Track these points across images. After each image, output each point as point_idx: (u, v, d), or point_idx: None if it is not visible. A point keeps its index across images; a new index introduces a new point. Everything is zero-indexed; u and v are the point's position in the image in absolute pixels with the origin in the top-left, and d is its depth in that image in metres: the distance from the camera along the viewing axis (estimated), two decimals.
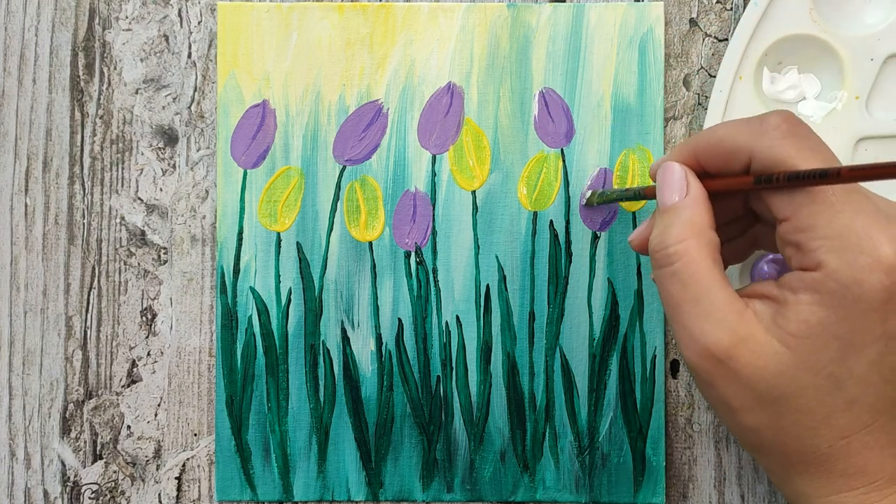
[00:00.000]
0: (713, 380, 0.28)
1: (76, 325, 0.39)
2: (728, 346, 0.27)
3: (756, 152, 0.28)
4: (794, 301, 0.27)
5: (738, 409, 0.28)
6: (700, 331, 0.28)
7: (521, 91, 0.39)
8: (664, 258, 0.29)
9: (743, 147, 0.29)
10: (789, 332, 0.27)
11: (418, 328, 0.39)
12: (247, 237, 0.39)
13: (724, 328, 0.28)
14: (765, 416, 0.28)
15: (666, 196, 0.30)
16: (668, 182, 0.30)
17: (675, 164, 0.30)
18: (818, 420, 0.28)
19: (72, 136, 0.39)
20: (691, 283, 0.28)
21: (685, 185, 0.30)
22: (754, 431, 0.29)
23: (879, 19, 0.38)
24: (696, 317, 0.28)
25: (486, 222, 0.39)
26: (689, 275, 0.28)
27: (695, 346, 0.28)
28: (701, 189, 0.30)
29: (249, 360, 0.39)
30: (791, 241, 0.28)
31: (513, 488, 0.39)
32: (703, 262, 0.28)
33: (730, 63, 0.37)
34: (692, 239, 0.29)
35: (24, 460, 0.39)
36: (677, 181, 0.30)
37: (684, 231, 0.29)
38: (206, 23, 0.39)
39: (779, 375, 0.27)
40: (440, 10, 0.39)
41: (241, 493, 0.39)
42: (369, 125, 0.39)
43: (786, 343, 0.27)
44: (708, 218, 0.29)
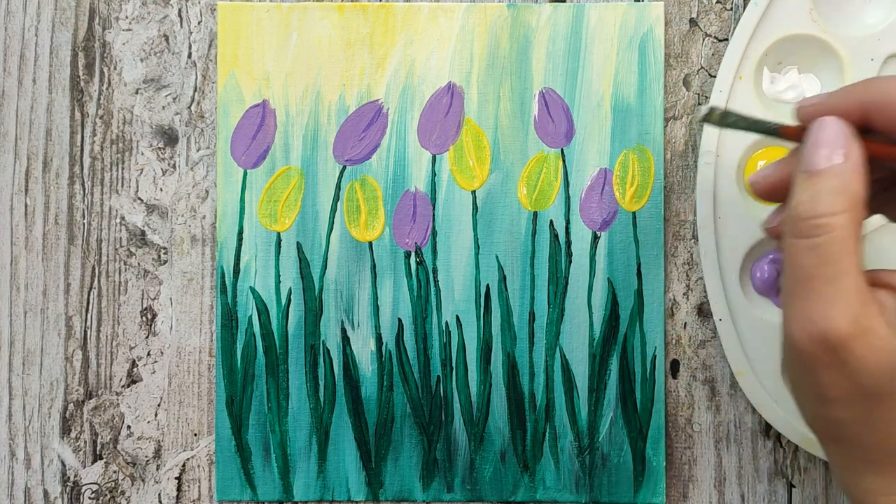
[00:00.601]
0: (818, 366, 0.26)
1: (76, 325, 0.39)
2: (847, 336, 0.25)
3: None
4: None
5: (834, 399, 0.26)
6: (822, 314, 0.26)
7: (521, 91, 0.39)
8: (810, 228, 0.26)
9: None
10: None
11: (418, 328, 0.39)
12: (247, 237, 0.39)
13: (848, 316, 0.25)
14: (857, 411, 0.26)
15: (821, 156, 0.26)
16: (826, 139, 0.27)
17: (835, 121, 0.27)
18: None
19: (72, 136, 0.39)
20: (832, 262, 0.25)
21: (845, 146, 0.26)
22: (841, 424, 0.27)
23: (879, 19, 0.38)
24: (823, 297, 0.26)
25: (486, 222, 0.39)
26: (833, 252, 0.25)
27: (811, 328, 0.26)
28: (861, 155, 0.26)
29: (249, 360, 0.39)
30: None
31: (513, 488, 0.39)
32: (850, 240, 0.25)
33: (730, 63, 0.37)
34: (845, 214, 0.26)
35: (24, 460, 0.39)
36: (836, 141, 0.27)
37: (838, 203, 0.26)
38: (206, 23, 0.39)
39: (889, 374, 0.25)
40: (440, 10, 0.39)
41: (241, 493, 0.39)
42: (369, 125, 0.39)
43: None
44: (864, 190, 0.26)
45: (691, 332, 0.39)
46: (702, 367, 0.39)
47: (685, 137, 0.39)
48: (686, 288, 0.39)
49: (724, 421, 0.39)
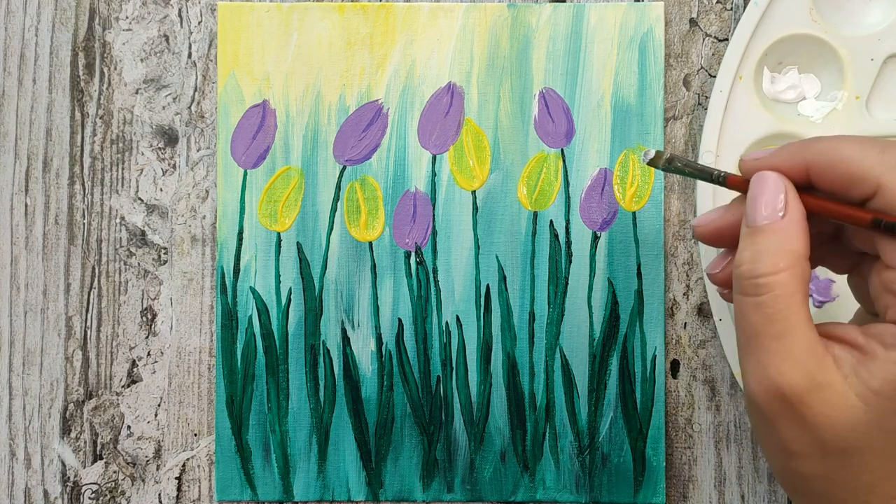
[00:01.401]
0: (777, 421, 0.26)
1: (76, 325, 0.39)
2: (802, 391, 0.25)
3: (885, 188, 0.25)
4: (885, 358, 0.25)
5: (796, 455, 0.26)
6: (776, 370, 0.26)
7: (521, 91, 0.39)
8: (752, 287, 0.26)
9: (871, 177, 0.25)
10: (871, 389, 0.25)
11: (418, 328, 0.39)
12: (247, 237, 0.39)
13: (802, 371, 0.25)
14: (823, 467, 0.26)
15: (760, 213, 0.27)
16: (765, 195, 0.27)
17: (773, 176, 0.27)
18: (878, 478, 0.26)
19: (72, 136, 0.39)
20: (777, 320, 0.26)
21: (784, 203, 0.27)
22: (805, 479, 0.27)
23: (879, 19, 0.38)
24: (774, 353, 0.26)
25: (486, 222, 0.39)
26: (777, 310, 0.26)
27: (766, 384, 0.26)
28: (801, 211, 0.27)
29: (249, 360, 0.39)
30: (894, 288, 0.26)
31: (513, 488, 0.39)
32: (794, 297, 0.26)
33: (730, 63, 0.37)
34: (787, 272, 0.26)
35: (24, 460, 0.39)
36: (774, 196, 0.27)
37: (779, 261, 0.26)
38: (206, 23, 0.39)
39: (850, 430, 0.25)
40: (440, 10, 0.39)
41: (241, 493, 0.39)
42: (369, 125, 0.39)
43: (864, 398, 0.25)
44: (805, 246, 0.26)
45: (691, 332, 0.39)
46: (702, 367, 0.39)
47: (685, 137, 0.39)
48: (686, 288, 0.39)
49: (724, 421, 0.39)
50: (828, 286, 0.37)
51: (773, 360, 0.26)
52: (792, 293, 0.26)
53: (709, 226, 0.30)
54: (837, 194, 0.27)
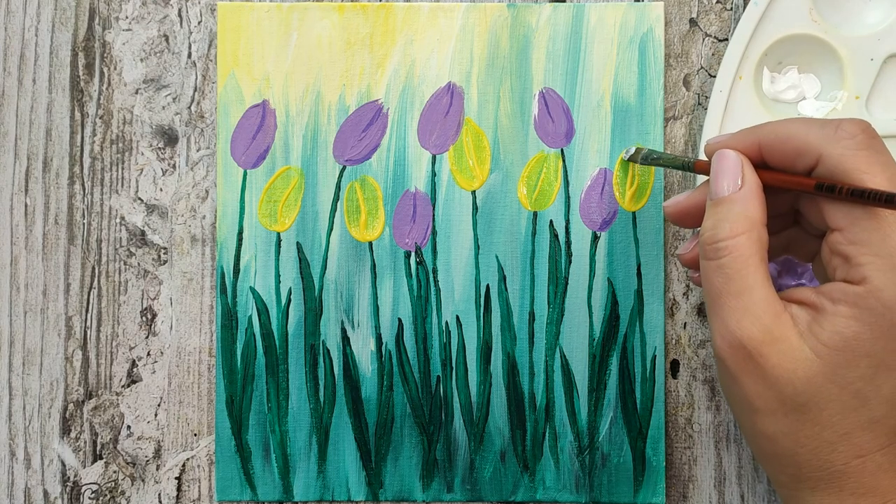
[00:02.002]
0: (740, 374, 0.28)
1: (76, 325, 0.39)
2: (760, 343, 0.28)
3: (825, 157, 0.28)
4: (832, 311, 0.27)
5: (760, 410, 0.28)
6: (736, 324, 0.28)
7: (521, 91, 0.39)
8: (713, 251, 0.29)
9: (813, 149, 0.28)
10: (822, 342, 0.27)
11: (418, 328, 0.39)
12: (247, 237, 0.39)
13: (760, 325, 0.28)
14: (785, 424, 0.28)
15: (720, 184, 0.30)
16: (724, 170, 0.30)
17: (732, 153, 0.30)
18: (838, 436, 0.27)
19: (72, 136, 0.39)
20: (736, 279, 0.28)
21: (741, 175, 0.29)
22: (772, 439, 0.28)
23: (879, 19, 0.38)
24: (734, 310, 0.28)
25: (486, 222, 0.39)
26: (735, 270, 0.28)
27: (728, 337, 0.28)
28: (757, 182, 0.29)
29: (249, 360, 0.39)
30: (840, 251, 0.28)
31: (513, 488, 0.39)
32: (751, 259, 0.28)
33: (730, 63, 0.37)
34: (744, 235, 0.28)
35: (24, 460, 0.39)
36: (733, 170, 0.30)
37: (737, 226, 0.29)
38: (206, 23, 0.39)
39: (806, 382, 0.27)
40: (440, 10, 0.39)
41: (241, 493, 0.39)
42: (369, 125, 0.39)
43: (817, 351, 0.27)
44: (761, 213, 0.29)
45: (691, 332, 0.39)
46: (702, 367, 0.39)
47: (685, 137, 0.39)
48: (686, 288, 0.39)
49: (724, 421, 0.39)
50: None
51: (733, 315, 0.28)
52: (749, 255, 0.28)
53: (677, 206, 0.32)
54: (786, 168, 0.29)
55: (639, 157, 0.35)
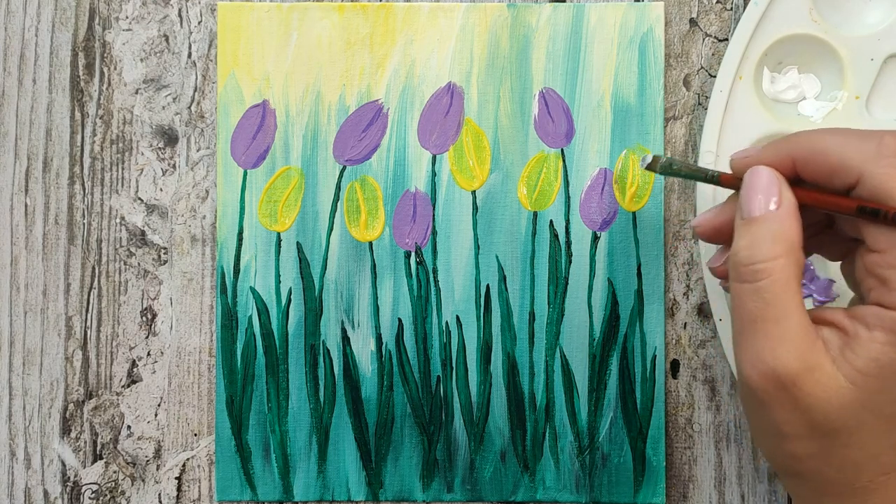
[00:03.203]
0: (771, 403, 0.27)
1: (76, 325, 0.39)
2: (795, 373, 0.26)
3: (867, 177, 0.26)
4: (868, 338, 0.26)
5: (789, 436, 0.27)
6: (771, 353, 0.27)
7: (521, 91, 0.39)
8: (750, 273, 0.27)
9: (853, 167, 0.27)
10: (857, 369, 0.26)
11: (418, 328, 0.39)
12: (247, 237, 0.39)
13: (796, 354, 0.26)
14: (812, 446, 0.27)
15: (756, 204, 0.28)
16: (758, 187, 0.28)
17: (767, 170, 0.28)
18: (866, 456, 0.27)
19: (72, 136, 0.39)
20: (774, 304, 0.27)
21: (778, 194, 0.28)
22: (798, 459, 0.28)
23: (879, 19, 0.38)
24: (770, 338, 0.27)
25: (486, 222, 0.39)
26: (774, 295, 0.27)
27: (761, 367, 0.27)
28: (793, 201, 0.28)
29: (249, 360, 0.39)
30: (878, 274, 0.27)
31: (513, 488, 0.39)
32: (790, 283, 0.27)
33: (730, 63, 0.37)
34: (784, 258, 0.27)
35: (24, 460, 0.39)
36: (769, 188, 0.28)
37: (775, 248, 0.27)
38: (206, 23, 0.39)
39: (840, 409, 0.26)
40: (440, 10, 0.39)
41: (241, 493, 0.39)
42: (369, 125, 0.39)
43: (852, 379, 0.26)
44: (799, 234, 0.28)
45: (691, 332, 0.39)
46: (702, 367, 0.39)
47: (685, 137, 0.39)
48: (686, 288, 0.39)
49: (724, 421, 0.39)
50: (828, 286, 0.37)
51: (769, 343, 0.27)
52: (788, 278, 0.27)
53: (707, 224, 0.31)
54: (823, 184, 0.28)
55: (657, 166, 0.31)
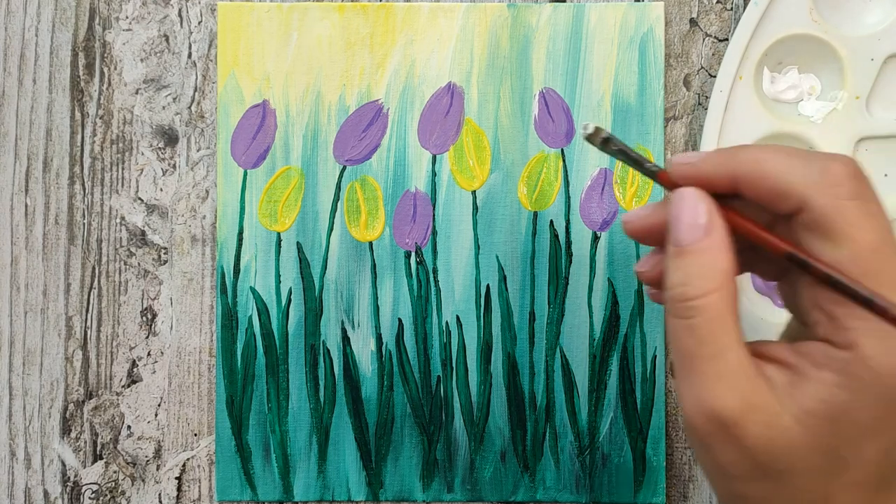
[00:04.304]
0: (713, 444, 0.26)
1: (76, 325, 0.39)
2: (737, 413, 0.25)
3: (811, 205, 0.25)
4: (816, 378, 0.25)
5: (736, 478, 0.26)
6: (710, 392, 0.25)
7: (522, 91, 0.39)
8: (684, 310, 0.26)
9: (796, 194, 0.25)
10: (804, 410, 0.25)
11: (418, 328, 0.39)
12: (247, 237, 0.39)
13: (736, 393, 0.25)
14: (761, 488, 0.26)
15: (684, 234, 0.26)
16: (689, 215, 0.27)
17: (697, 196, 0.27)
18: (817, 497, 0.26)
19: (72, 136, 0.39)
20: (709, 341, 0.26)
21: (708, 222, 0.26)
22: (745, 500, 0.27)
23: (879, 19, 0.38)
24: (707, 376, 0.25)
25: (487, 222, 0.39)
26: (708, 331, 0.26)
27: (701, 407, 0.26)
28: (724, 229, 0.26)
29: (249, 360, 0.39)
30: (826, 309, 0.25)
31: (513, 488, 0.39)
32: (726, 318, 0.26)
33: (730, 63, 0.37)
34: (716, 294, 0.26)
35: (25, 460, 0.39)
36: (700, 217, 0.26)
37: (709, 284, 0.26)
38: (206, 23, 0.39)
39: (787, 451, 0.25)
40: (440, 10, 0.39)
41: (242, 493, 0.39)
42: (369, 125, 0.39)
43: (798, 419, 0.25)
44: (731, 263, 0.26)
45: None
46: None
47: (685, 137, 0.39)
48: None
49: None
50: None
51: (706, 382, 0.25)
52: (722, 314, 0.26)
53: (637, 222, 0.29)
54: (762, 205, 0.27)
55: (597, 140, 0.28)
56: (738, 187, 0.27)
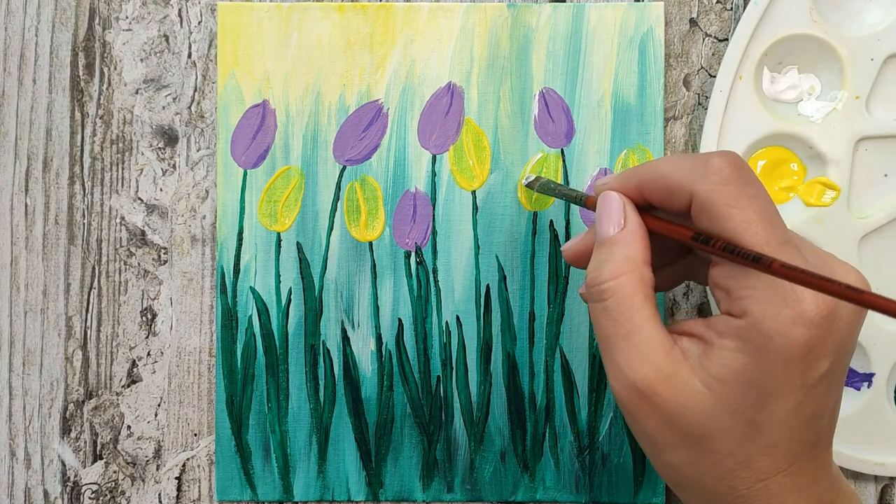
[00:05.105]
0: (637, 414, 0.28)
1: (76, 325, 0.39)
2: (653, 382, 0.28)
3: (696, 194, 0.28)
4: (719, 345, 0.28)
5: (661, 445, 0.29)
6: (628, 365, 0.28)
7: (521, 91, 0.39)
8: (598, 294, 0.29)
9: (684, 187, 0.28)
10: (711, 375, 0.28)
11: (418, 328, 0.39)
12: (247, 237, 0.39)
13: (651, 364, 0.28)
14: (686, 455, 0.28)
15: (603, 227, 0.30)
16: (607, 212, 0.30)
17: (614, 195, 0.30)
18: (738, 463, 0.28)
19: (72, 136, 0.39)
20: (622, 320, 0.29)
21: (623, 217, 0.30)
22: (674, 468, 0.29)
23: (879, 19, 0.38)
24: (624, 352, 0.28)
25: (487, 222, 0.39)
26: (619, 312, 0.29)
27: (622, 380, 0.28)
28: (638, 223, 0.30)
29: (249, 360, 0.39)
30: (721, 285, 0.28)
31: (513, 488, 0.39)
32: (635, 298, 0.29)
33: (730, 63, 0.37)
34: (625, 276, 0.29)
35: (24, 460, 0.39)
36: (615, 212, 0.30)
37: (618, 268, 0.29)
38: (206, 23, 0.39)
39: (700, 415, 0.28)
40: (440, 10, 0.39)
41: (241, 493, 0.39)
42: (369, 125, 0.39)
43: (708, 385, 0.28)
44: (643, 253, 0.29)
45: None
46: None
47: (685, 137, 0.39)
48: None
49: None
50: None
51: (623, 357, 0.28)
52: (632, 295, 0.29)
53: (572, 248, 0.33)
54: (666, 207, 0.30)
55: (536, 186, 0.37)
56: (644, 196, 0.30)
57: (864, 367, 0.38)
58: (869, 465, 0.38)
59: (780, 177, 0.38)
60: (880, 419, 0.38)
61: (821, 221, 0.38)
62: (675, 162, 0.29)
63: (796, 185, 0.38)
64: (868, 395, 0.38)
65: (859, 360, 0.38)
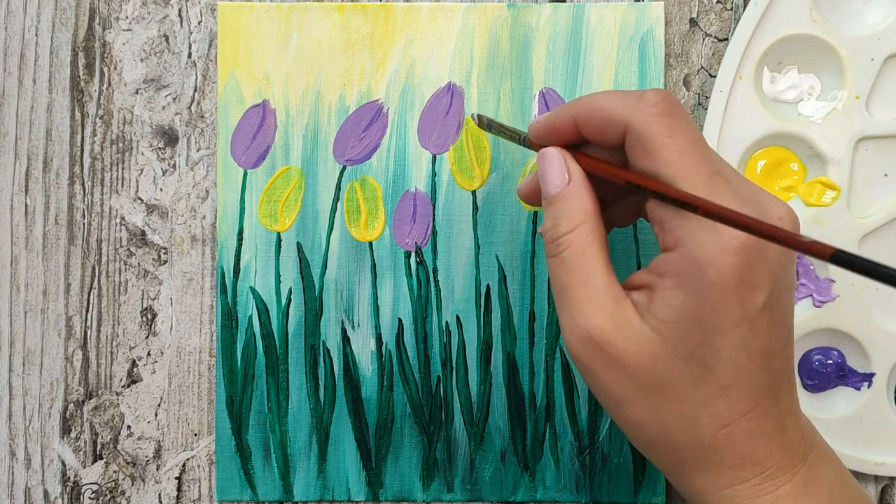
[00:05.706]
0: (594, 366, 0.29)
1: (76, 325, 0.39)
2: (607, 331, 0.28)
3: (631, 125, 0.28)
4: (661, 286, 0.28)
5: (621, 400, 0.29)
6: (581, 315, 0.28)
7: (522, 91, 0.39)
8: (554, 248, 0.30)
9: (619, 119, 0.29)
10: (658, 318, 0.28)
11: (418, 328, 0.39)
12: (247, 237, 0.39)
13: (605, 313, 0.28)
14: (648, 408, 0.28)
15: (550, 185, 0.31)
16: (550, 170, 0.31)
17: (554, 151, 0.31)
18: (697, 408, 0.28)
19: (72, 136, 0.39)
20: (577, 270, 0.29)
21: (566, 172, 0.30)
22: (641, 426, 0.29)
23: (879, 19, 0.38)
24: (578, 301, 0.29)
25: (487, 222, 0.39)
26: (574, 261, 0.29)
27: (576, 331, 0.29)
28: (582, 175, 0.30)
29: (249, 360, 0.39)
30: (657, 218, 0.28)
31: (513, 488, 0.39)
32: (589, 248, 0.29)
33: (730, 63, 0.37)
34: (578, 228, 0.29)
35: (24, 460, 0.39)
36: (558, 167, 0.31)
37: (571, 221, 0.29)
38: (206, 23, 0.39)
39: (654, 362, 0.28)
40: (440, 10, 0.39)
41: (241, 493, 0.39)
42: (369, 125, 0.39)
43: (656, 329, 0.28)
44: (592, 203, 0.30)
45: None
46: None
47: None
48: None
49: None
50: (828, 286, 0.37)
51: (577, 306, 0.29)
52: (587, 245, 0.29)
53: (526, 188, 0.34)
54: (600, 140, 0.30)
55: (483, 123, 0.37)
56: (580, 130, 0.31)
57: (864, 367, 0.38)
58: (869, 465, 0.38)
59: (780, 177, 0.38)
60: (880, 419, 0.38)
61: (821, 221, 0.38)
62: (611, 96, 0.30)
63: (796, 185, 0.38)
64: (868, 395, 0.38)
65: (859, 360, 0.38)
